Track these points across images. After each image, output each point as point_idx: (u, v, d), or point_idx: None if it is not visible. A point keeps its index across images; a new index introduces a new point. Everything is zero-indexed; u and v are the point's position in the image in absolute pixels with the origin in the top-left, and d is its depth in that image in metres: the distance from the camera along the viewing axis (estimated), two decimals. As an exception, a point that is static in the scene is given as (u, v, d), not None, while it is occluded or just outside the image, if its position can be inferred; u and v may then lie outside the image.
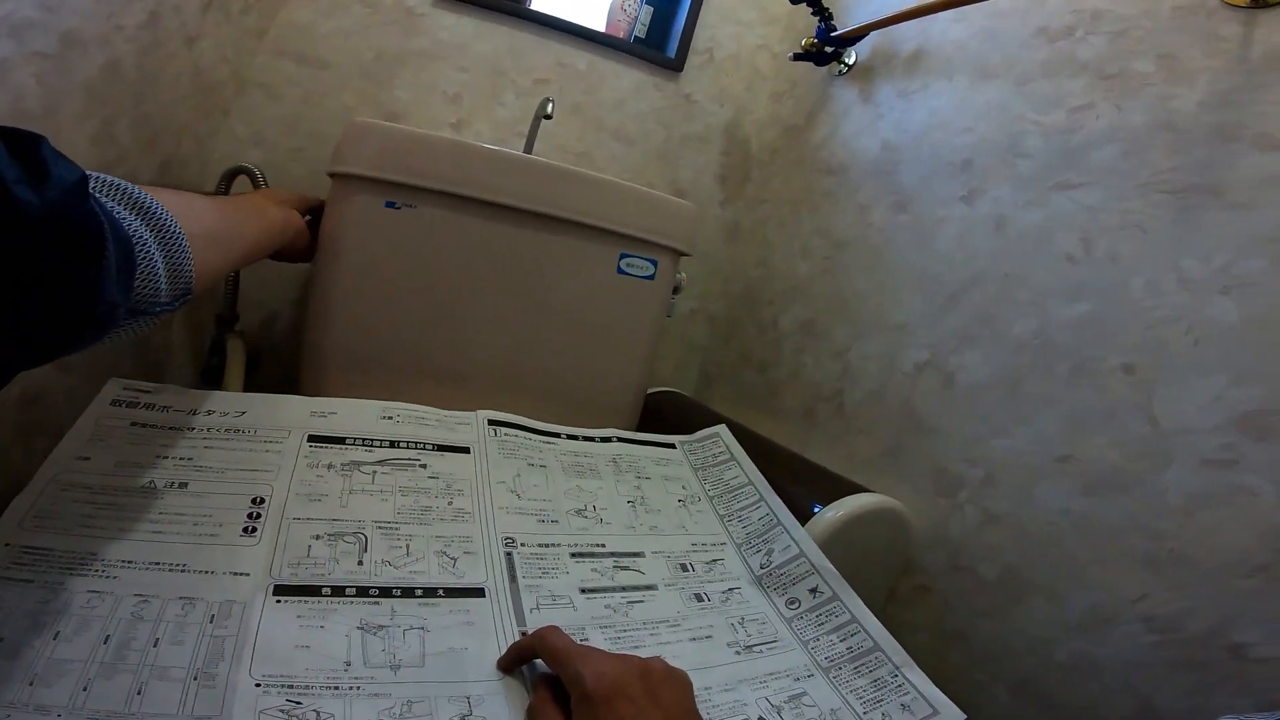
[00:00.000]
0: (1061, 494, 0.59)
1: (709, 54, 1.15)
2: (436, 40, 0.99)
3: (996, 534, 0.64)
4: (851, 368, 0.83)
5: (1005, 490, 0.63)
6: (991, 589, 0.63)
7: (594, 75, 1.08)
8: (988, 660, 0.63)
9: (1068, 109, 0.64)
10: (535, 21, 1.03)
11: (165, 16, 0.62)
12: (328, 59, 0.94)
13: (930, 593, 0.69)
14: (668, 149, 1.14)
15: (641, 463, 0.67)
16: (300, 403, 0.57)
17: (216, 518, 0.45)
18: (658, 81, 1.12)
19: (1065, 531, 0.58)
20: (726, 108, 1.17)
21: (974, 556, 0.65)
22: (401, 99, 0.98)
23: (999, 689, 0.62)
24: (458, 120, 1.01)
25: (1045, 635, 0.58)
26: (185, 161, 0.80)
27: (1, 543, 0.39)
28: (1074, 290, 0.61)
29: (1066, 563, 0.58)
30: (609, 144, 1.10)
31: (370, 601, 0.42)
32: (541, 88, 1.03)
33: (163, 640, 0.36)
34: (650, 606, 0.50)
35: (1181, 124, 0.55)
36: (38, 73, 0.47)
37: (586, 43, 1.07)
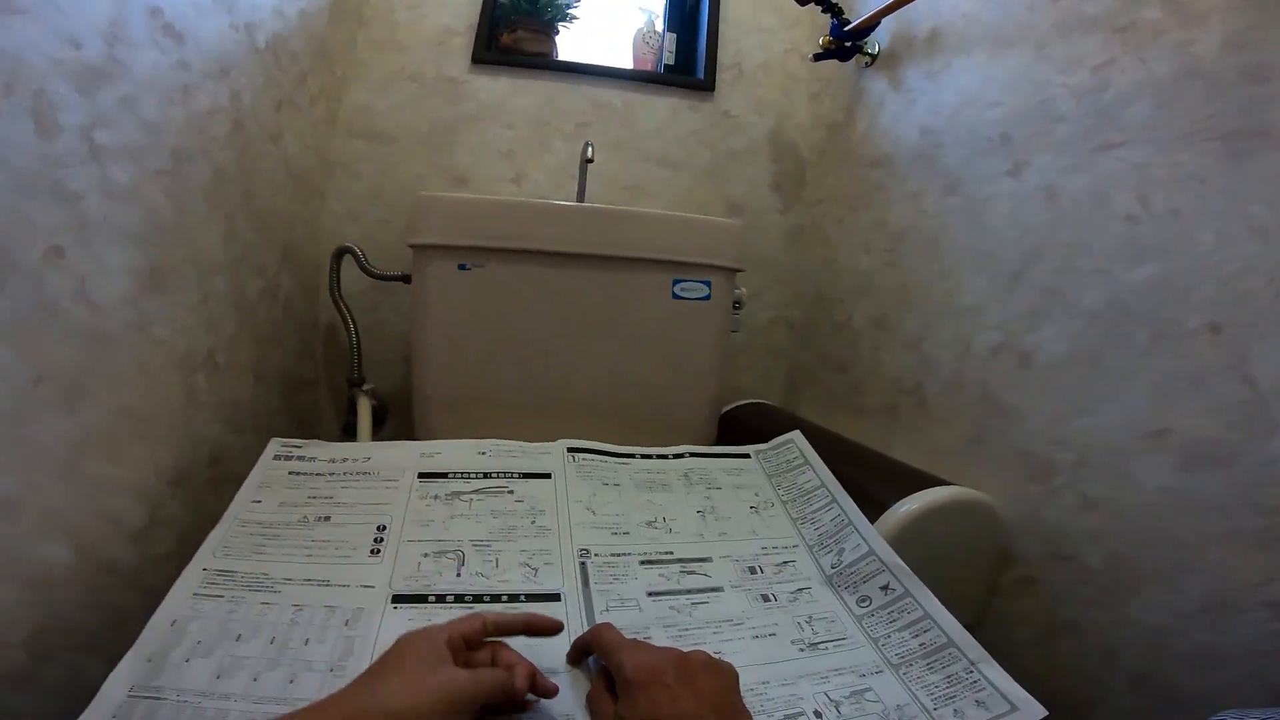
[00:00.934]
0: (1159, 472, 0.55)
1: (737, 68, 1.17)
2: (480, 103, 1.09)
3: (1096, 519, 0.60)
4: (927, 358, 0.82)
5: (1099, 472, 0.60)
6: (1099, 577, 0.60)
7: (629, 110, 1.14)
8: (1103, 652, 0.59)
9: (1090, 68, 0.61)
10: (565, 71, 1.11)
11: (246, 122, 0.73)
12: (392, 133, 1.07)
13: (1035, 584, 0.66)
14: (715, 167, 1.17)
15: (713, 474, 0.71)
16: (412, 446, 0.68)
17: (351, 543, 0.55)
18: (692, 104, 1.16)
19: (1168, 512, 0.54)
20: (766, 117, 1.19)
21: (1076, 544, 0.62)
22: (462, 162, 1.09)
23: (1117, 681, 0.58)
24: (515, 174, 1.11)
25: (1162, 624, 0.54)
26: (300, 245, 0.95)
27: (200, 567, 0.51)
28: (1139, 252, 0.57)
29: (1174, 546, 0.54)
30: (656, 172, 1.15)
31: (465, 606, 0.50)
32: (583, 130, 1.11)
33: (311, 640, 0.46)
34: (714, 607, 0.54)
35: (1208, 69, 0.51)
36: (164, 188, 0.58)
37: (617, 81, 1.13)
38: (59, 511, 0.48)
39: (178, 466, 0.63)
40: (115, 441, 0.54)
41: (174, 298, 0.61)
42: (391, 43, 1.09)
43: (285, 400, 0.92)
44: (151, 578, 0.56)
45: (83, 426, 0.50)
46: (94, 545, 0.52)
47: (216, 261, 0.69)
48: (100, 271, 0.51)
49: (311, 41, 0.90)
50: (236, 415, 0.75)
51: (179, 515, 0.63)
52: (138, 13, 0.53)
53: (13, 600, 0.44)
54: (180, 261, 0.62)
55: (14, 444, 0.43)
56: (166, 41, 0.57)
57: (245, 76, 0.72)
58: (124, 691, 0.41)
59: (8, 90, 0.41)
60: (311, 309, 1.03)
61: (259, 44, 0.74)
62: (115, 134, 0.51)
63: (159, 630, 0.45)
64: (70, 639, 0.49)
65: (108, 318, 0.52)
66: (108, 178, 0.51)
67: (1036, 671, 0.64)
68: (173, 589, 0.49)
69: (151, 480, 0.59)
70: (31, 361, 0.44)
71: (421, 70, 1.09)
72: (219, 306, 0.70)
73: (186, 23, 0.59)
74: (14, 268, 0.42)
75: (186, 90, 0.61)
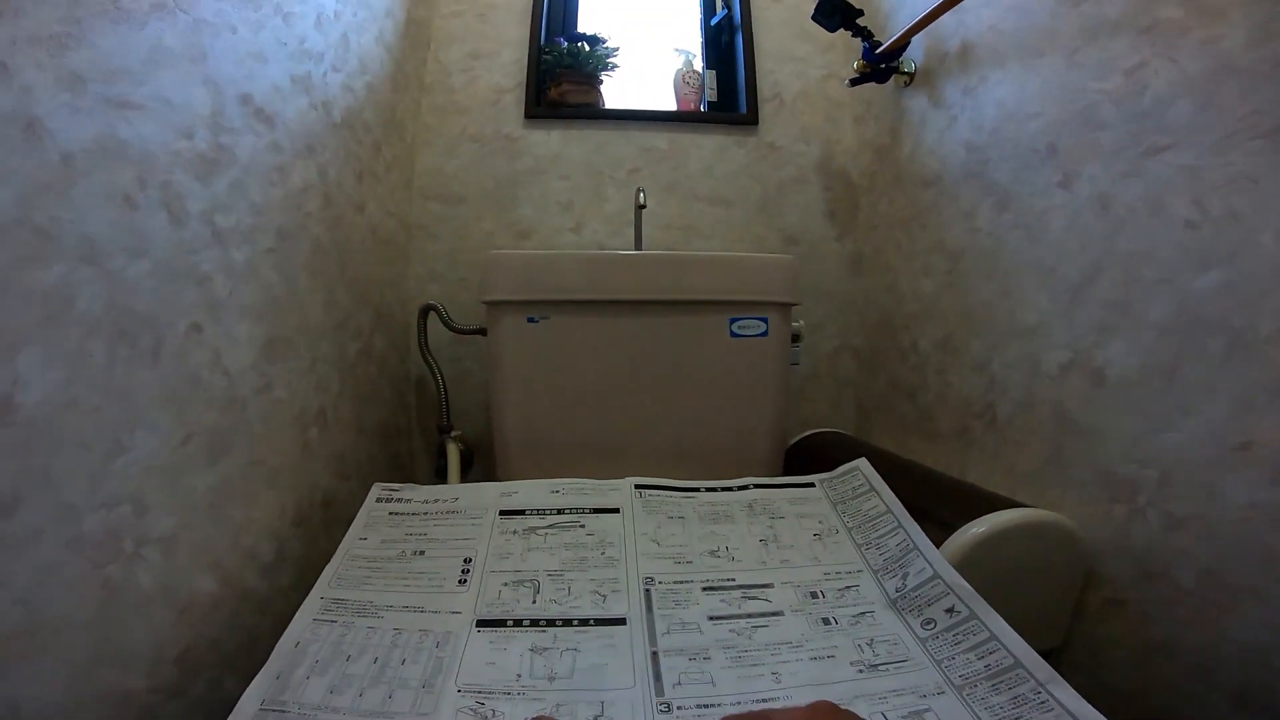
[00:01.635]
0: (1248, 486, 0.52)
1: (778, 98, 1.18)
2: (535, 157, 1.16)
3: (1184, 538, 0.57)
4: (996, 380, 0.80)
5: (1185, 489, 0.57)
6: (1191, 596, 0.57)
7: (677, 151, 1.17)
8: (1199, 672, 0.56)
9: (1123, 71, 0.61)
10: (611, 118, 1.16)
11: (334, 195, 0.80)
12: (460, 194, 1.15)
13: (1124, 605, 0.63)
14: (767, 200, 1.18)
15: (776, 504, 0.72)
16: (493, 487, 0.74)
17: (442, 574, 0.61)
18: (737, 139, 1.18)
19: (1261, 528, 0.51)
20: (813, 145, 1.19)
21: (1165, 563, 0.59)
22: (526, 216, 1.16)
23: (1218, 701, 0.55)
24: (575, 224, 1.16)
25: (1260, 642, 0.52)
26: (390, 308, 1.04)
27: (319, 596, 0.58)
28: (1203, 258, 0.55)
29: (1270, 561, 0.51)
30: (709, 211, 1.17)
31: (539, 630, 0.55)
32: (635, 176, 1.15)
33: (407, 660, 0.51)
34: (774, 630, 0.55)
35: (1241, 65, 0.50)
36: (274, 264, 0.65)
37: (661, 124, 1.17)
38: (207, 548, 0.57)
39: (298, 510, 0.72)
40: (250, 488, 0.63)
41: (289, 364, 0.71)
42: (452, 106, 1.18)
43: (384, 448, 1.01)
44: (279, 605, 0.64)
45: (224, 477, 0.59)
46: (234, 577, 0.60)
47: (321, 328, 0.79)
48: (231, 344, 0.60)
49: (380, 112, 0.98)
50: (343, 464, 0.85)
51: (299, 552, 0.71)
52: (232, 101, 0.59)
53: (170, 623, 0.51)
54: (292, 331, 0.72)
55: (171, 492, 0.52)
56: (260, 126, 0.63)
57: (328, 152, 0.79)
58: (256, 705, 0.46)
59: (142, 184, 0.48)
60: (403, 365, 1.12)
61: (335, 119, 0.81)
62: (231, 217, 0.59)
63: (285, 651, 0.52)
64: (212, 658, 0.56)
65: (239, 383, 0.61)
66: (229, 259, 0.59)
67: (1131, 692, 0.62)
68: (296, 615, 0.55)
69: (278, 521, 0.68)
70: (182, 423, 0.53)
71: (481, 130, 1.17)
72: (325, 368, 0.80)
73: (274, 106, 0.66)
74: (163, 344, 0.51)
75: (282, 170, 0.68)
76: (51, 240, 0.40)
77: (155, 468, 0.50)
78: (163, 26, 0.50)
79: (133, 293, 0.47)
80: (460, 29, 1.22)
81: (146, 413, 0.49)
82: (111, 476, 0.46)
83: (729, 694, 0.49)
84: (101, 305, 0.45)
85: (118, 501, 0.47)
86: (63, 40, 0.41)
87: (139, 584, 0.49)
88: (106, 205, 0.45)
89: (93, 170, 0.43)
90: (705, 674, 0.51)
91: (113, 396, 0.46)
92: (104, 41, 0.45)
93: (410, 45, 1.12)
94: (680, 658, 0.52)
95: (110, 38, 0.45)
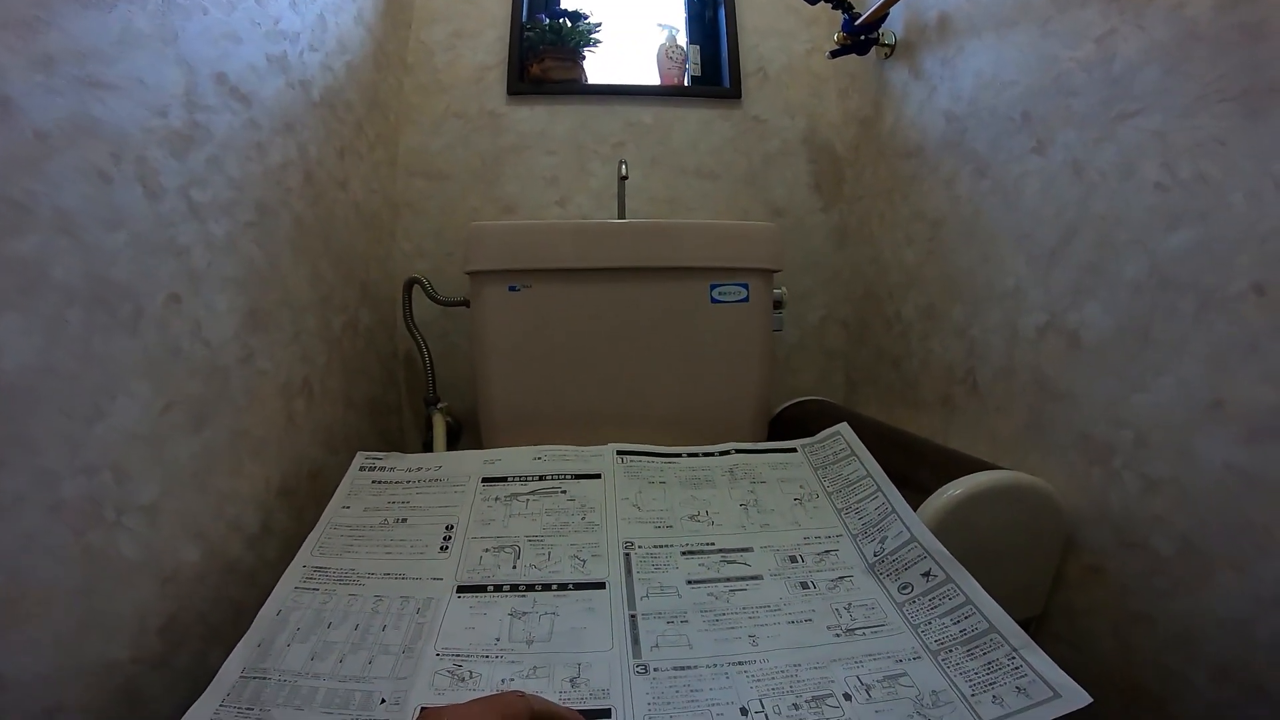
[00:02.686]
0: (1221, 447, 0.52)
1: (762, 72, 1.18)
2: (519, 133, 1.16)
3: (1161, 502, 0.57)
4: (976, 345, 0.80)
5: (1160, 451, 0.57)
6: (1170, 564, 0.57)
7: (661, 125, 1.17)
8: (1179, 643, 0.56)
9: (1094, 39, 0.61)
10: (595, 94, 1.16)
11: (315, 172, 0.81)
12: (445, 171, 1.16)
13: (1104, 574, 0.63)
14: (752, 173, 1.18)
15: (758, 469, 0.73)
16: (476, 455, 0.74)
17: (424, 541, 0.62)
18: (722, 113, 1.18)
19: (1235, 491, 0.51)
20: (798, 119, 1.19)
21: (1143, 530, 0.59)
22: (511, 192, 1.16)
23: (1196, 674, 0.55)
24: (560, 198, 1.17)
25: (1240, 613, 0.51)
26: (376, 282, 1.05)
27: (301, 564, 0.59)
28: (1172, 219, 0.55)
29: (1245, 528, 0.51)
30: (694, 184, 1.18)
31: (519, 595, 0.55)
32: (619, 151, 1.15)
33: (388, 627, 0.52)
34: (752, 594, 0.56)
35: (1207, 31, 0.50)
36: (255, 238, 0.67)
37: (646, 98, 1.17)
38: (191, 517, 0.57)
39: (284, 481, 0.73)
40: (235, 458, 0.64)
41: (272, 335, 0.71)
42: (435, 84, 1.18)
43: (373, 422, 1.02)
44: (265, 578, 0.64)
45: (206, 446, 0.59)
46: (219, 547, 0.61)
47: (305, 301, 0.79)
48: (211, 314, 0.60)
49: (362, 91, 0.98)
50: (331, 437, 0.85)
51: (286, 524, 0.72)
52: (206, 79, 0.59)
53: (153, 593, 0.52)
54: (275, 303, 0.72)
55: (153, 460, 0.52)
56: (236, 104, 0.64)
57: (308, 130, 0.80)
58: (237, 673, 0.47)
59: (116, 159, 0.48)
60: (391, 341, 1.13)
61: (314, 98, 0.82)
62: (208, 192, 0.59)
63: (267, 619, 0.53)
64: (198, 629, 0.57)
65: (220, 353, 0.62)
66: (208, 232, 0.59)
67: (1112, 664, 0.62)
68: (279, 583, 0.56)
69: (263, 493, 0.69)
70: (163, 392, 0.54)
71: (465, 107, 1.17)
72: (310, 340, 0.80)
73: (249, 85, 0.66)
74: (142, 314, 0.51)
75: (260, 147, 0.69)
76: (27, 212, 0.41)
77: (136, 435, 0.51)
78: (133, 9, 0.51)
79: (110, 263, 0.48)
80: (442, 7, 1.21)
81: (126, 380, 0.50)
82: (91, 443, 0.46)
83: (705, 656, 0.49)
84: (78, 275, 0.45)
85: (98, 468, 0.47)
86: (33, 24, 0.42)
87: (121, 553, 0.49)
88: (81, 179, 0.45)
89: (66, 147, 0.44)
90: (683, 637, 0.51)
91: (91, 363, 0.46)
92: (74, 24, 0.45)
93: (391, 25, 1.12)
94: (658, 621, 0.53)
95: (80, 20, 0.46)
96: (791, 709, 0.44)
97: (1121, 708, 0.61)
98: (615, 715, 0.44)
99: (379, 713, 0.44)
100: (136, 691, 0.50)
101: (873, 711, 0.44)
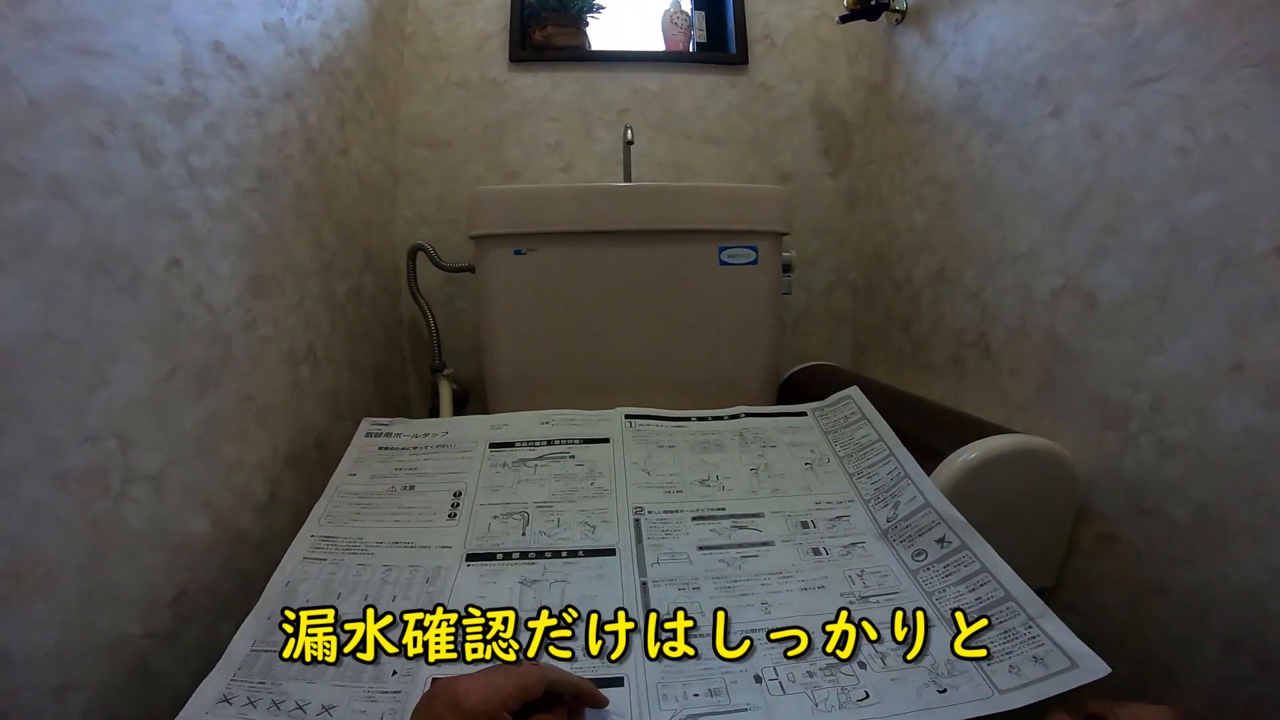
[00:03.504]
0: (1240, 410, 0.51)
1: (769, 39, 1.17)
2: (522, 100, 1.15)
3: (1178, 467, 0.56)
4: (989, 308, 0.79)
5: (1177, 414, 0.56)
6: (1186, 532, 0.56)
7: (667, 92, 1.16)
8: (1192, 614, 0.55)
9: (1114, 4, 0.59)
10: (599, 60, 1.15)
11: (316, 139, 0.81)
12: (447, 139, 1.14)
13: (1117, 541, 0.62)
14: (759, 139, 1.17)
15: (768, 433, 0.72)
16: (483, 420, 0.74)
17: (432, 508, 0.62)
18: (729, 79, 1.16)
19: (1254, 456, 0.50)
20: (806, 84, 1.18)
21: (1159, 496, 0.58)
22: (514, 158, 1.15)
23: (1209, 646, 0.54)
24: (565, 164, 1.16)
25: (1255, 583, 0.50)
26: (379, 249, 1.04)
27: (309, 534, 0.59)
28: (1194, 181, 0.53)
29: (1263, 495, 0.49)
30: (701, 150, 1.16)
31: (529, 562, 0.55)
32: (624, 116, 1.14)
33: (398, 597, 0.52)
34: (763, 560, 0.55)
35: None
36: (256, 204, 0.66)
37: (651, 65, 1.16)
38: (198, 486, 0.57)
39: (291, 449, 0.73)
40: (240, 425, 0.63)
41: (275, 300, 0.70)
42: (435, 53, 1.16)
43: (378, 390, 1.01)
44: (274, 549, 0.63)
45: (212, 412, 0.58)
46: (228, 517, 0.61)
47: (308, 267, 0.78)
48: (213, 279, 0.59)
49: (361, 59, 0.97)
50: (337, 404, 0.85)
51: (293, 493, 0.72)
52: (202, 47, 0.59)
53: (162, 565, 0.52)
54: (278, 269, 0.71)
55: (157, 427, 0.52)
56: (233, 72, 0.63)
57: (308, 98, 0.79)
58: (248, 646, 0.47)
59: (111, 126, 0.48)
60: (395, 308, 1.12)
61: (314, 66, 0.81)
62: (207, 158, 0.59)
63: (276, 590, 0.52)
64: (209, 602, 0.57)
65: (223, 319, 0.61)
66: (208, 197, 0.59)
67: (1123, 635, 0.61)
68: (287, 554, 0.56)
69: (270, 461, 0.68)
70: (166, 357, 0.53)
71: (466, 75, 1.16)
72: (314, 307, 0.79)
73: (246, 53, 0.66)
74: (142, 278, 0.50)
75: (259, 114, 0.68)
76: (22, 178, 0.41)
77: (140, 401, 0.50)
78: (123, -24, 0.49)
79: (108, 228, 0.47)
80: (440, -25, 1.18)
81: (127, 345, 0.49)
82: (94, 409, 0.46)
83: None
84: (76, 239, 0.44)
85: (102, 436, 0.46)
86: (23, -8, 0.41)
87: (128, 523, 0.49)
88: (76, 146, 0.45)
89: (60, 113, 0.44)
90: (695, 604, 0.51)
91: (92, 328, 0.46)
92: (64, -7, 0.44)
93: (389, -8, 1.09)
94: (669, 588, 0.52)
95: (71, -11, 0.45)
96: (806, 676, 0.44)
97: (1132, 678, 0.61)
98: (627, 684, 0.44)
99: (391, 684, 0.44)
100: (148, 666, 0.50)
101: (888, 679, 0.44)
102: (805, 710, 0.42)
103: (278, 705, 0.43)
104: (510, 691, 0.36)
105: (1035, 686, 0.42)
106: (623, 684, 0.44)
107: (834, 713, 0.41)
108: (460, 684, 0.36)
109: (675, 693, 0.43)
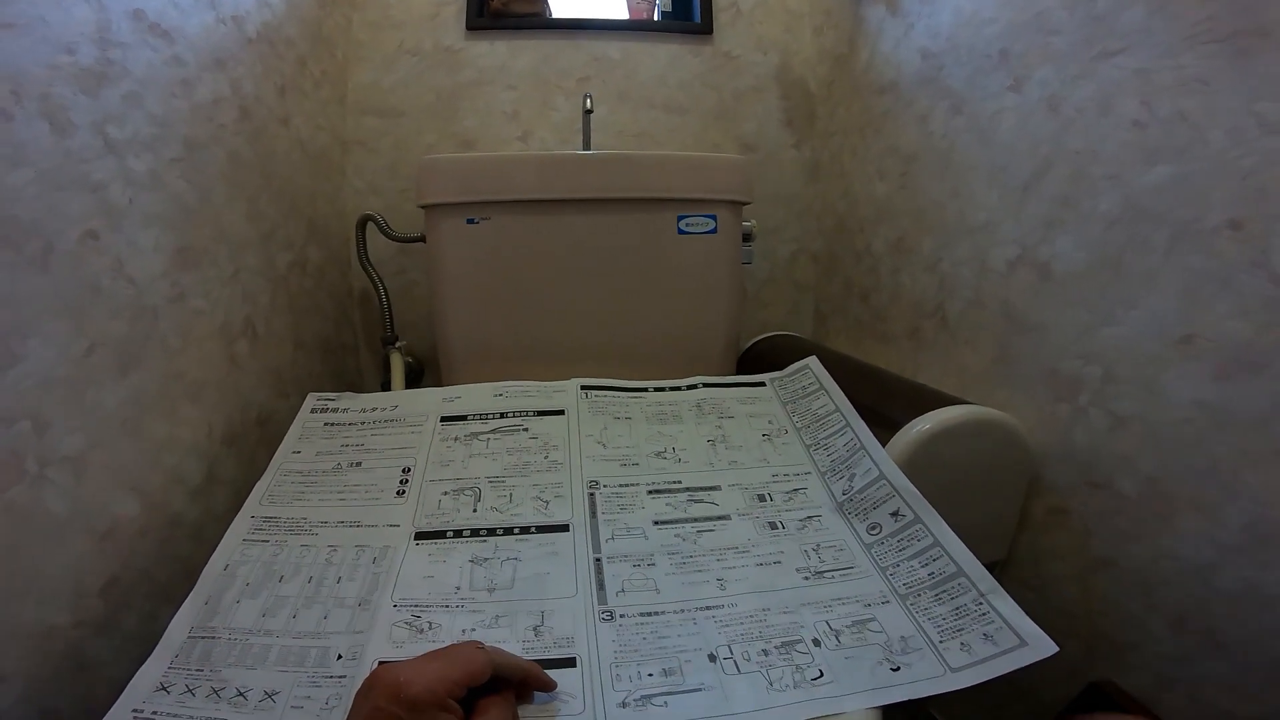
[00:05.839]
0: (1191, 383, 0.51)
1: (735, 8, 1.14)
2: (479, 68, 1.11)
3: (1128, 440, 0.57)
4: (946, 278, 0.79)
5: (1128, 386, 0.57)
6: (1134, 506, 0.57)
7: (629, 61, 1.13)
8: (1140, 590, 0.57)
9: None
10: (560, 28, 1.11)
11: (252, 109, 0.77)
12: (400, 108, 1.10)
13: (1068, 515, 0.63)
14: (723, 108, 1.15)
15: (726, 404, 0.71)
16: (434, 393, 0.71)
17: (380, 485, 0.60)
18: (693, 49, 1.14)
19: (1203, 429, 0.51)
20: (771, 55, 1.16)
21: (1108, 470, 0.59)
22: (470, 127, 1.11)
23: (1156, 623, 0.56)
24: (522, 133, 1.12)
25: (1202, 559, 0.51)
26: (325, 219, 1.00)
27: (249, 514, 0.56)
28: (1150, 154, 0.53)
29: (1211, 469, 0.50)
30: (663, 119, 1.14)
31: (480, 540, 0.53)
32: (584, 85, 1.11)
33: (343, 579, 0.50)
34: (720, 535, 0.55)
35: None
36: (182, 173, 0.63)
37: (613, 33, 1.12)
38: (124, 468, 0.53)
39: (229, 427, 0.69)
40: (170, 403, 0.60)
41: (207, 272, 0.66)
42: (386, 21, 1.11)
43: (328, 364, 0.98)
44: (213, 532, 0.60)
45: (137, 390, 0.55)
46: (160, 500, 0.58)
47: (244, 238, 0.74)
48: (134, 251, 0.55)
49: (304, 27, 0.93)
50: (280, 380, 0.81)
51: (233, 474, 0.69)
52: (121, 16, 0.55)
53: (90, 551, 0.49)
54: (209, 240, 0.67)
55: (75, 407, 0.48)
56: (156, 41, 0.60)
57: (242, 66, 0.75)
58: (185, 632, 0.45)
59: (16, 97, 0.44)
60: (344, 279, 1.08)
61: (249, 34, 0.77)
62: (126, 128, 0.55)
63: (214, 574, 0.50)
64: (146, 589, 0.54)
65: (147, 292, 0.57)
66: (127, 168, 0.55)
67: (1074, 611, 0.63)
68: (225, 536, 0.54)
69: (205, 440, 0.65)
70: (83, 333, 0.49)
71: (419, 44, 1.11)
72: (252, 279, 0.75)
73: (171, 22, 0.62)
74: (53, 251, 0.47)
75: (186, 83, 0.64)
76: None
77: (55, 380, 0.47)
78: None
79: (13, 200, 0.44)
80: (389, -59, 1.11)
81: (39, 321, 0.45)
82: (4, 389, 0.42)
83: (673, 601, 0.48)
84: (-22, 212, 0.40)
85: (14, 418, 0.43)
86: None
87: (48, 509, 0.46)
88: None
89: None
90: (649, 581, 0.50)
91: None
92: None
93: (334, -41, 1.02)
94: (624, 564, 0.52)
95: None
96: (761, 655, 0.44)
97: (1082, 655, 0.62)
98: (580, 664, 0.43)
99: (336, 669, 0.43)
100: (82, 656, 0.48)
101: (842, 658, 0.44)
102: (760, 689, 0.41)
103: (217, 693, 0.41)
104: (456, 679, 0.35)
105: (986, 665, 0.42)
106: (575, 664, 0.43)
107: (788, 691, 0.41)
108: (403, 672, 0.34)
109: (629, 673, 0.42)
